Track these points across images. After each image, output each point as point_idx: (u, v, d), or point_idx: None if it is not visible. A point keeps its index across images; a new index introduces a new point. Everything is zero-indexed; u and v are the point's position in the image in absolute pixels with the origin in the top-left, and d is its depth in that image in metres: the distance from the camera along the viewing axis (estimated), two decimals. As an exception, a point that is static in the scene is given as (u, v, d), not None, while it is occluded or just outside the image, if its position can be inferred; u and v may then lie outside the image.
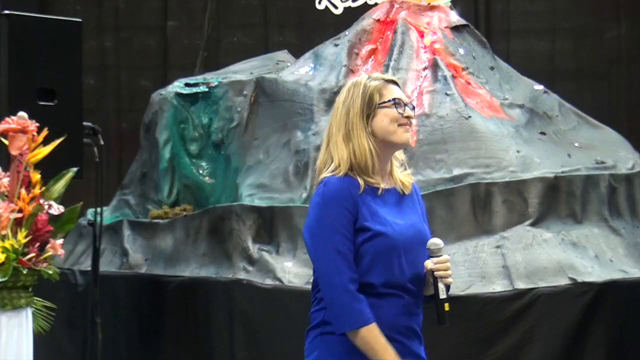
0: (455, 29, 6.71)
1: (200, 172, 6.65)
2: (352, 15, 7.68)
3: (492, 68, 6.67)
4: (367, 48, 6.59)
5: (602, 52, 9.56)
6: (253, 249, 5.86)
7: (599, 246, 5.72)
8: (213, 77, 6.91)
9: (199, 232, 6.18)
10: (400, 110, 2.96)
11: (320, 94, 6.30)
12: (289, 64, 7.04)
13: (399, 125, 2.95)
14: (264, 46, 9.53)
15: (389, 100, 2.96)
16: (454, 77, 6.31)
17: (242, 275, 5.79)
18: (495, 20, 9.76)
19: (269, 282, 5.66)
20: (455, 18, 6.79)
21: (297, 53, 7.41)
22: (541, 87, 6.79)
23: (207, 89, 6.76)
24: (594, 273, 5.49)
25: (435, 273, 2.88)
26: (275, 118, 6.42)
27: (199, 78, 7.02)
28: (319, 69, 6.55)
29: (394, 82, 3.04)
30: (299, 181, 6.03)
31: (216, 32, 9.49)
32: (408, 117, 2.97)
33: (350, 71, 6.43)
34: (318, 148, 6.04)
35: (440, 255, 2.89)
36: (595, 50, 9.56)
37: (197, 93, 6.76)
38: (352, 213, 2.84)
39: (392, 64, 6.32)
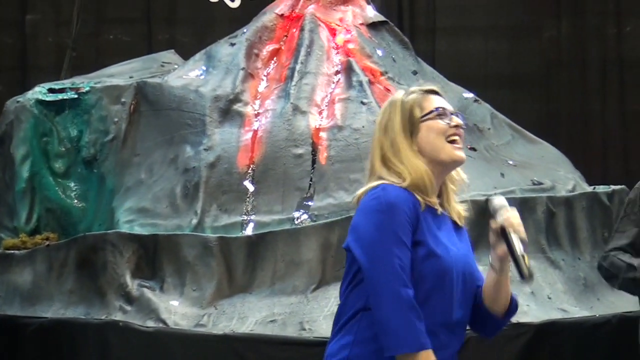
0: (373, 26, 6.82)
1: (67, 193, 6.63)
2: (251, 9, 7.73)
3: (415, 72, 6.80)
4: (269, 48, 6.66)
5: (541, 55, 9.81)
6: (132, 285, 5.86)
7: (536, 281, 5.88)
8: (83, 82, 6.89)
9: (64, 265, 6.14)
10: (447, 121, 3.11)
11: (213, 102, 6.34)
12: (176, 66, 7.06)
13: (448, 139, 3.12)
14: (147, 45, 9.54)
15: (431, 112, 3.12)
16: (370, 82, 6.41)
17: (118, 317, 5.78)
18: (419, 17, 9.93)
19: (150, 324, 5.67)
20: (372, 13, 6.90)
21: (186, 53, 7.44)
22: (471, 95, 6.95)
23: (75, 96, 6.74)
24: (530, 312, 5.66)
25: (507, 228, 3.08)
26: (160, 130, 6.44)
27: (65, 83, 6.99)
28: (212, 72, 6.59)
29: (435, 92, 3.20)
30: (188, 205, 6.06)
31: (88, 28, 9.45)
32: (457, 126, 3.13)
33: (249, 75, 6.49)
34: (211, 165, 6.09)
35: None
36: (532, 52, 9.80)
37: (63, 100, 6.74)
38: (413, 224, 3.00)
39: (298, 67, 6.41)
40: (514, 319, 5.50)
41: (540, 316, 5.65)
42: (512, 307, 3.16)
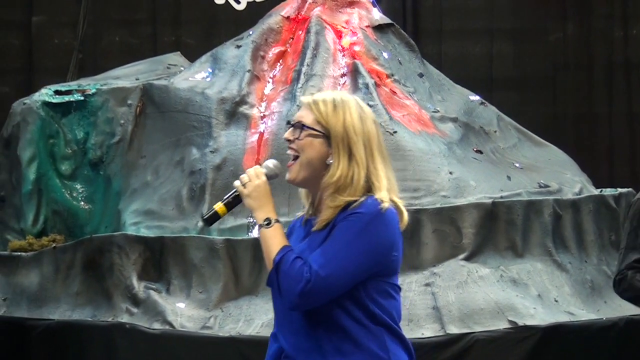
0: (379, 28, 6.83)
1: (74, 195, 6.64)
2: (257, 11, 7.75)
3: (421, 75, 6.81)
4: (275, 50, 6.67)
5: (547, 57, 9.82)
6: (138, 287, 5.87)
7: (543, 284, 5.89)
8: (90, 84, 6.90)
9: (71, 267, 6.15)
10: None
11: (219, 104, 6.35)
12: (182, 69, 7.07)
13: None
14: (153, 47, 9.55)
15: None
16: (376, 85, 6.42)
17: (124, 319, 5.79)
18: (426, 19, 9.93)
19: (157, 326, 5.68)
20: (378, 16, 6.91)
21: (192, 55, 7.46)
22: (477, 97, 6.96)
23: (82, 98, 6.75)
24: (537, 315, 5.66)
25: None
26: (166, 132, 6.45)
27: (72, 84, 7.00)
28: (218, 74, 6.60)
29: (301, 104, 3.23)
30: (194, 207, 6.07)
31: (93, 30, 9.47)
32: (287, 140, 3.17)
33: (255, 77, 6.50)
34: (217, 168, 6.10)
35: None
36: (538, 55, 9.81)
37: (69, 102, 6.75)
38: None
39: (304, 69, 6.41)
40: (521, 322, 5.56)
41: (547, 319, 5.65)
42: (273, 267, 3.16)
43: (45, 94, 6.80)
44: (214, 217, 3.22)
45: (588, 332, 5.73)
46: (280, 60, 6.64)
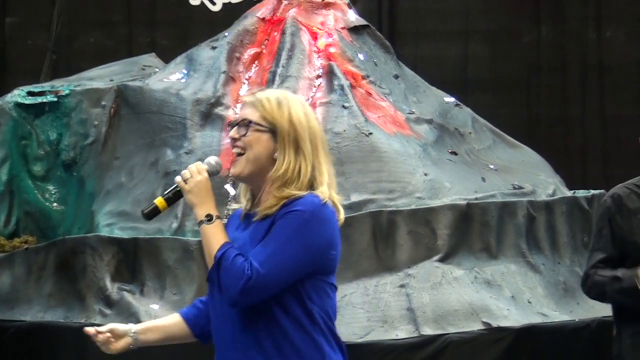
0: (354, 30, 6.84)
1: (46, 197, 6.61)
2: (233, 12, 7.76)
3: (396, 76, 6.82)
4: (251, 52, 6.67)
5: (521, 59, 9.85)
6: (112, 288, 5.86)
7: (516, 285, 5.92)
8: (63, 85, 6.88)
9: (43, 268, 6.13)
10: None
11: (194, 106, 6.34)
12: (157, 70, 7.06)
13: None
14: (128, 48, 9.52)
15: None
16: (352, 86, 6.43)
17: (97, 320, 5.77)
18: (401, 21, 9.94)
19: (131, 328, 5.66)
20: (354, 17, 6.92)
21: (167, 56, 7.44)
22: (452, 99, 6.98)
23: (55, 99, 6.73)
24: (511, 317, 5.68)
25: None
26: (140, 133, 6.44)
27: (45, 85, 6.98)
28: (193, 75, 6.59)
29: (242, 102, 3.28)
30: (169, 209, 6.04)
31: (68, 31, 9.43)
32: (232, 138, 3.22)
33: (231, 79, 6.49)
34: (192, 169, 6.08)
35: None
36: (513, 57, 9.84)
37: (43, 103, 6.72)
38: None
39: (279, 70, 6.41)
40: (495, 323, 5.58)
41: (521, 320, 5.67)
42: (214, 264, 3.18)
43: (18, 95, 6.78)
44: (154, 212, 3.26)
45: (561, 334, 5.76)
46: (256, 62, 6.64)
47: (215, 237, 3.13)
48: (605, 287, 4.12)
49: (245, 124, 3.17)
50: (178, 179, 3.21)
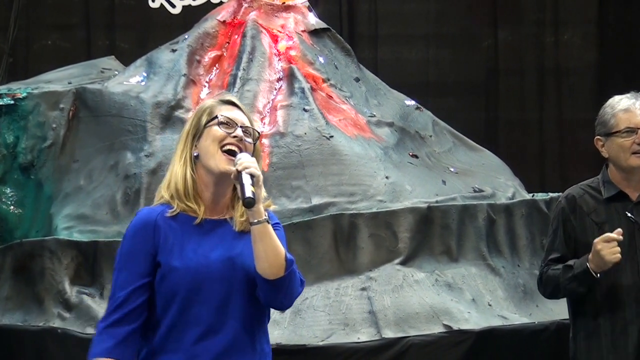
0: (315, 33, 6.85)
1: (3, 200, 6.57)
2: (193, 15, 7.74)
3: (357, 79, 6.83)
4: (211, 54, 6.65)
5: (479, 63, 9.91)
6: (71, 291, 5.82)
7: (477, 288, 5.94)
8: (20, 87, 6.85)
9: (1, 271, 6.12)
10: (228, 130, 3.13)
11: (154, 108, 6.31)
12: (116, 72, 7.03)
13: (224, 149, 3.12)
14: (86, 51, 9.46)
15: (214, 118, 3.15)
16: (313, 89, 6.43)
17: (56, 324, 5.74)
18: (361, 24, 9.97)
19: (90, 330, 5.62)
20: (314, 20, 6.93)
21: (126, 59, 7.40)
22: (413, 102, 7.00)
23: (12, 102, 6.69)
24: (471, 319, 5.70)
25: (237, 167, 3.07)
26: (99, 136, 6.40)
27: (2, 88, 6.94)
28: (152, 78, 6.56)
29: (232, 103, 3.22)
30: (129, 211, 6.03)
31: (25, 34, 9.36)
32: (237, 138, 3.14)
33: (191, 81, 6.47)
34: (152, 172, 6.06)
35: None
36: (472, 61, 9.89)
37: (-1, 106, 6.70)
38: (148, 248, 3.09)
39: (240, 73, 6.40)
40: (456, 326, 5.59)
41: (481, 323, 5.69)
42: (286, 267, 3.09)
43: (-26, 97, 6.74)
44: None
45: (520, 336, 5.78)
46: (217, 65, 6.63)
47: (275, 237, 3.07)
48: (559, 279, 4.14)
49: (256, 137, 3.19)
50: (253, 170, 3.04)
